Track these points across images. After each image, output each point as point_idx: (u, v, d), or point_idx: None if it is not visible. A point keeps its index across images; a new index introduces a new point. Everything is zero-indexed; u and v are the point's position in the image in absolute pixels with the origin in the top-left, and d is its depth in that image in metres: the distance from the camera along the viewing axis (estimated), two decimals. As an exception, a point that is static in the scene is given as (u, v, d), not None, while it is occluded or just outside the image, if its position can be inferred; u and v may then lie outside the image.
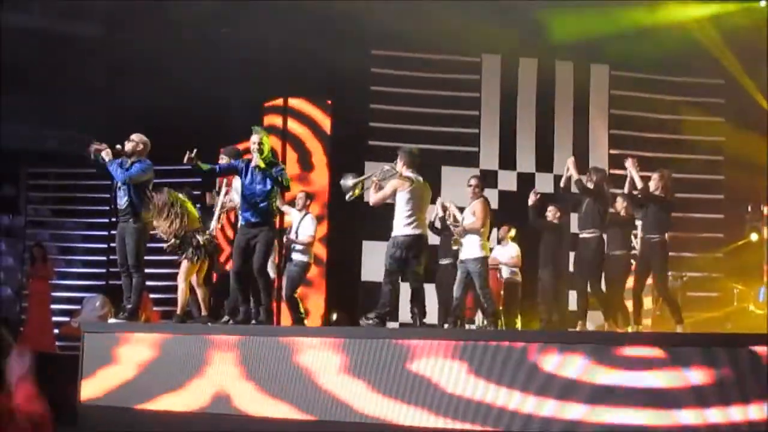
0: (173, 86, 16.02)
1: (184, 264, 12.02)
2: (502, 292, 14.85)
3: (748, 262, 16.44)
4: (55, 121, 17.92)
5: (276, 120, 17.47)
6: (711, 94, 18.40)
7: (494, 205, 17.03)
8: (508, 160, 18.20)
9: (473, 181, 12.34)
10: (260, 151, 10.94)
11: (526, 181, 18.03)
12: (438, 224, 14.56)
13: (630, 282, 12.80)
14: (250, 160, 11.06)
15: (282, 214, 13.04)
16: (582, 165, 17.98)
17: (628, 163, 12.33)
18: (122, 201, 11.53)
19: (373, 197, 11.23)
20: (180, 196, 12.06)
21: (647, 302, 15.25)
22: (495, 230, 15.92)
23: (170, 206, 11.80)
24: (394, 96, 17.92)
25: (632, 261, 12.88)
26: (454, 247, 12.50)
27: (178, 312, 11.94)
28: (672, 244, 17.33)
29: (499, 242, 15.74)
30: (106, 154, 11.43)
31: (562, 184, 13.05)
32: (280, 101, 17.43)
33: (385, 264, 11.06)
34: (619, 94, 18.52)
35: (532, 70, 18.40)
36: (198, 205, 12.70)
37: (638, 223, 12.87)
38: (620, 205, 12.97)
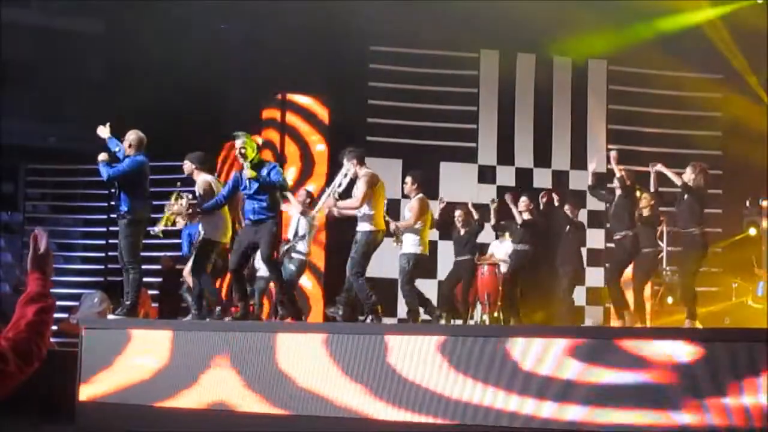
0: (172, 82, 16.05)
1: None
2: (500, 288, 14.82)
3: (746, 256, 16.43)
4: (53, 117, 17.94)
5: (275, 115, 17.47)
6: (709, 88, 18.40)
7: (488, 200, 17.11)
8: (506, 155, 18.20)
9: (408, 179, 12.17)
10: (243, 156, 11.03)
11: (524, 177, 18.06)
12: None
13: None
14: (242, 170, 11.18)
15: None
16: (580, 160, 18.12)
17: (659, 166, 12.38)
18: (114, 198, 11.67)
19: (353, 202, 11.21)
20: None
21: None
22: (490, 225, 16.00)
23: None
24: (392, 92, 17.91)
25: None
26: (395, 244, 12.35)
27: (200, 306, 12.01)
28: (671, 239, 17.46)
29: (496, 237, 15.75)
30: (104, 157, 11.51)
31: (591, 182, 12.97)
32: (278, 97, 17.41)
33: (355, 261, 11.05)
34: (617, 89, 18.52)
35: (530, 66, 18.40)
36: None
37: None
38: (645, 203, 12.98)
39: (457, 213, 14.82)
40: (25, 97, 17.27)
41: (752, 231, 16.58)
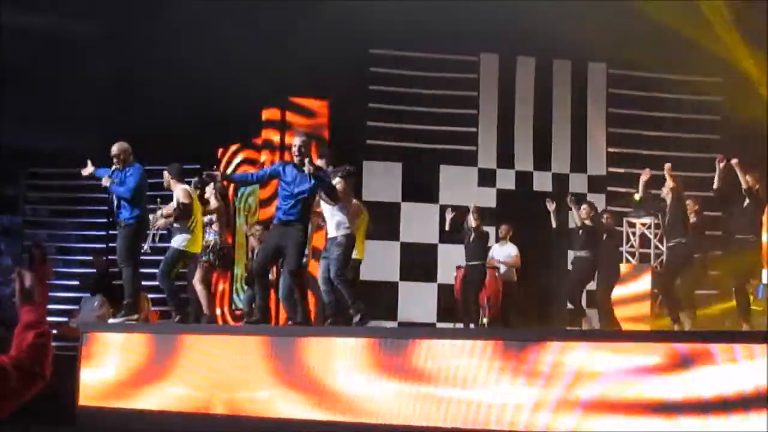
0: (173, 86, 16.04)
1: (202, 267, 12.17)
2: (500, 291, 14.85)
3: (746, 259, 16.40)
4: (54, 121, 17.92)
5: (274, 120, 17.48)
6: (709, 91, 18.41)
7: (492, 204, 17.12)
8: (506, 158, 18.20)
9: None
10: (302, 154, 10.72)
11: (524, 180, 18.07)
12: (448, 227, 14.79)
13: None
14: (288, 162, 10.99)
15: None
16: (580, 163, 18.14)
17: (736, 163, 12.45)
18: (115, 206, 11.60)
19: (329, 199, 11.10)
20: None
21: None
22: (493, 228, 16.02)
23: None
24: (393, 95, 17.92)
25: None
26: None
27: (206, 312, 12.00)
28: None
29: (497, 241, 15.77)
30: (105, 181, 11.49)
31: (641, 193, 12.93)
32: (278, 101, 17.42)
33: (337, 262, 10.95)
34: (617, 93, 18.52)
35: (529, 69, 18.41)
36: None
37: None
38: (689, 209, 13.02)
39: (469, 218, 14.85)
40: (26, 100, 17.25)
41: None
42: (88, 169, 11.82)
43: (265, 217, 15.74)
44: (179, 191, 11.82)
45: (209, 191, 12.29)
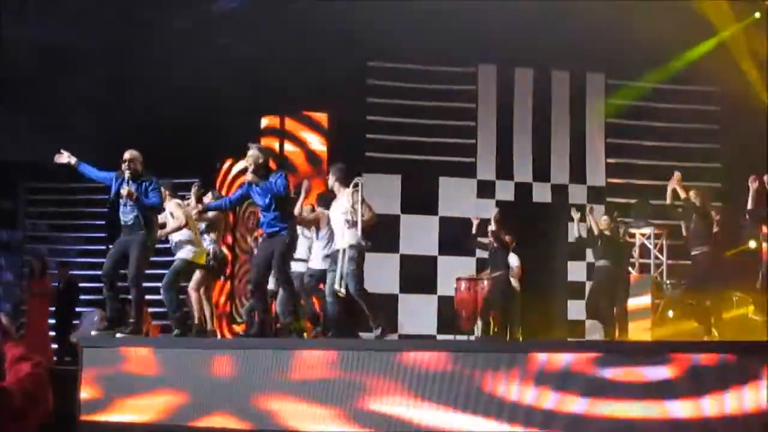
0: (172, 99, 16.07)
1: (198, 274, 12.16)
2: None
3: (746, 269, 16.40)
4: (53, 135, 17.92)
5: (274, 132, 17.49)
6: (706, 102, 18.44)
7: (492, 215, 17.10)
8: (505, 170, 18.20)
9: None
10: (253, 165, 10.91)
11: (523, 191, 18.07)
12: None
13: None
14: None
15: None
16: (579, 174, 18.15)
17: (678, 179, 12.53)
18: (129, 217, 11.25)
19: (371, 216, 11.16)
20: None
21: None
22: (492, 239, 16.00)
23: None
24: (391, 107, 17.92)
25: None
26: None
27: (196, 321, 12.02)
28: (671, 252, 17.47)
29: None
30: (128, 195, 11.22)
31: (668, 200, 12.93)
32: (277, 116, 17.43)
33: (354, 277, 10.96)
34: (616, 103, 18.53)
35: (528, 80, 18.42)
36: None
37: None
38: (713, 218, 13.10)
39: (491, 229, 14.90)
40: (25, 114, 17.26)
41: (752, 243, 16.55)
42: (64, 158, 11.51)
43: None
44: (172, 205, 11.94)
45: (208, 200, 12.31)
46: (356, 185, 11.23)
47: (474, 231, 15.25)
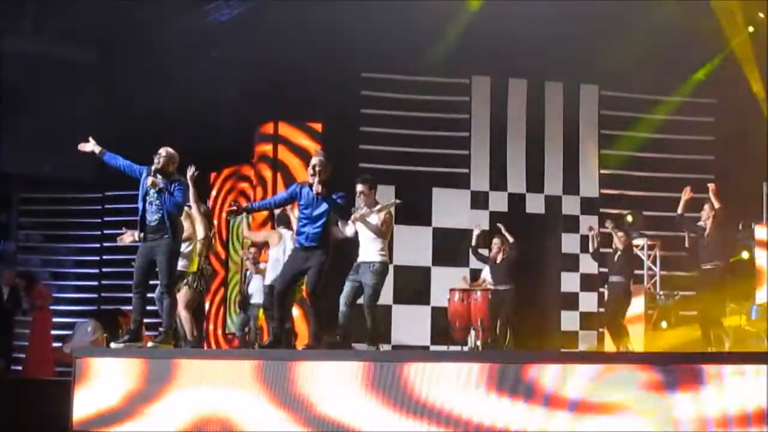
0: (165, 110, 16.07)
1: (186, 291, 11.99)
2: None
3: (739, 280, 16.45)
4: (47, 145, 17.92)
5: (267, 144, 17.49)
6: (701, 113, 18.49)
7: (485, 225, 17.15)
8: (498, 180, 18.23)
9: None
10: (318, 174, 10.56)
11: (517, 202, 18.10)
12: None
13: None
14: (305, 184, 10.82)
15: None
16: (572, 185, 18.18)
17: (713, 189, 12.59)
18: (153, 218, 10.91)
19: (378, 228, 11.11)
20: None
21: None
22: (486, 251, 16.04)
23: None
24: (384, 118, 17.93)
25: None
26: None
27: (190, 338, 11.87)
28: (664, 263, 17.51)
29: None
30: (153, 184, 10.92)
31: (680, 210, 12.87)
32: (270, 126, 17.42)
33: (372, 291, 10.93)
34: (609, 114, 18.57)
35: (521, 91, 18.44)
36: None
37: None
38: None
39: (495, 241, 14.90)
40: (19, 125, 17.26)
41: (745, 255, 16.61)
42: (90, 146, 11.13)
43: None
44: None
45: (195, 213, 12.06)
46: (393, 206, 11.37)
47: (474, 243, 15.27)
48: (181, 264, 11.54)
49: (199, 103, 16.05)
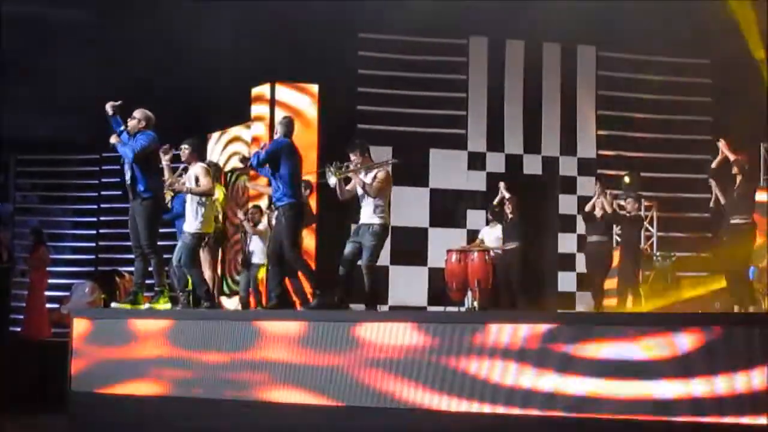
0: (160, 72, 16.03)
1: (208, 254, 12.14)
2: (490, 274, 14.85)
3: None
4: (44, 108, 17.89)
5: (263, 105, 17.43)
6: (700, 74, 18.48)
7: (482, 187, 17.16)
8: (495, 141, 18.21)
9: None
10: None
11: (514, 163, 18.10)
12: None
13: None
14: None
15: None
16: (570, 146, 18.18)
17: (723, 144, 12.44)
18: (127, 176, 11.13)
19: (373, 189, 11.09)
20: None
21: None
22: (483, 212, 16.09)
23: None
24: (382, 79, 17.91)
25: None
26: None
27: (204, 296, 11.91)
28: (663, 224, 17.51)
29: (487, 223, 15.81)
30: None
31: (715, 165, 12.73)
32: (267, 86, 17.35)
33: (371, 253, 10.94)
34: (607, 75, 18.54)
35: (519, 52, 18.40)
36: None
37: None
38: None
39: (507, 198, 14.93)
40: (15, 87, 17.21)
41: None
42: (111, 108, 11.22)
43: (255, 198, 15.77)
44: (198, 169, 11.63)
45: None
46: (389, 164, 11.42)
47: (496, 201, 15.28)
48: (195, 226, 11.53)
49: (196, 64, 16.01)
